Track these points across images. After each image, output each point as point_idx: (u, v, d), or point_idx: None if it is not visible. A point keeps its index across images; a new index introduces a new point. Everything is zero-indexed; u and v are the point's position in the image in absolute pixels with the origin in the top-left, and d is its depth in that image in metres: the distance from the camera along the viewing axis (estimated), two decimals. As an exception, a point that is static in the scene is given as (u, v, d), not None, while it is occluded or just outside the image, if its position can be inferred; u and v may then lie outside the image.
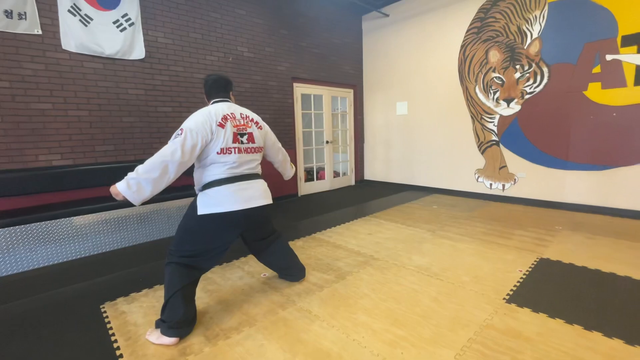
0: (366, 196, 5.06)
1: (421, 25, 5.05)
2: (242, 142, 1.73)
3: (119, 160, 3.34)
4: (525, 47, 4.03)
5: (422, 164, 5.36)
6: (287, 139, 4.87)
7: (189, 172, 1.75)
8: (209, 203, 1.68)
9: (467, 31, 4.55)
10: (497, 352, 1.45)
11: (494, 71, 4.34)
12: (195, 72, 3.84)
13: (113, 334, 1.69)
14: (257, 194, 1.79)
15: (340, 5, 5.31)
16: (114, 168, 3.21)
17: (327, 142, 5.63)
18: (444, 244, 2.84)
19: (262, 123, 1.91)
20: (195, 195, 1.80)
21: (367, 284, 2.15)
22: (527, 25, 4.00)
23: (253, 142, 1.79)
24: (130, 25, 3.29)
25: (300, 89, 5.10)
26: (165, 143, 1.65)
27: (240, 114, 1.78)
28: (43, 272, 2.52)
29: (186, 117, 1.69)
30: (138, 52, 3.38)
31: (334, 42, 5.44)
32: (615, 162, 3.53)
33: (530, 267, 2.32)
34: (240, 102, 4.16)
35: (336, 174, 5.98)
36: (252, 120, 1.82)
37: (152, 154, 1.61)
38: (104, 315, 1.88)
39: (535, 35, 3.95)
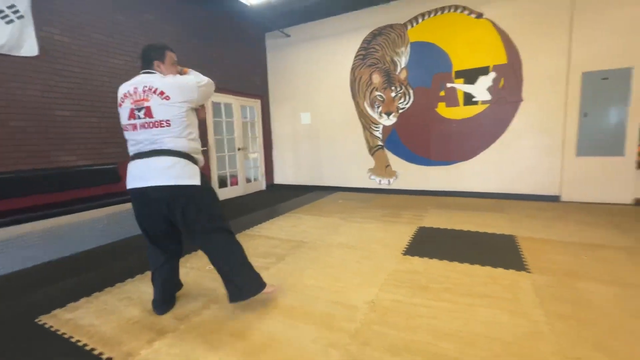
0: (280, 198, 5.51)
1: (318, 48, 5.88)
2: (138, 117, 1.59)
3: (7, 170, 2.87)
4: (397, 73, 5.27)
5: (326, 167, 6.16)
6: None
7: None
8: (129, 177, 1.68)
9: (355, 57, 5.59)
10: (403, 282, 2.13)
11: (376, 90, 5.46)
12: (99, 74, 3.59)
13: (71, 337, 1.67)
14: (155, 173, 1.58)
15: (246, 21, 5.68)
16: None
17: (239, 149, 5.85)
18: (354, 226, 3.56)
19: (171, 90, 1.59)
20: None
21: (305, 260, 2.62)
22: (397, 57, 5.24)
23: (151, 116, 1.57)
24: (18, 17, 2.92)
25: (212, 97, 5.21)
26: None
27: (145, 86, 1.59)
28: None
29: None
30: (29, 48, 3.00)
31: (242, 55, 5.75)
32: (458, 158, 5.01)
33: (414, 233, 3.21)
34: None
35: (248, 180, 6.23)
36: (155, 91, 1.57)
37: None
38: (47, 326, 1.78)
39: (403, 65, 5.21)
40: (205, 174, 1.76)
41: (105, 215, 3.22)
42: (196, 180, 1.65)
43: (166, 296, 1.90)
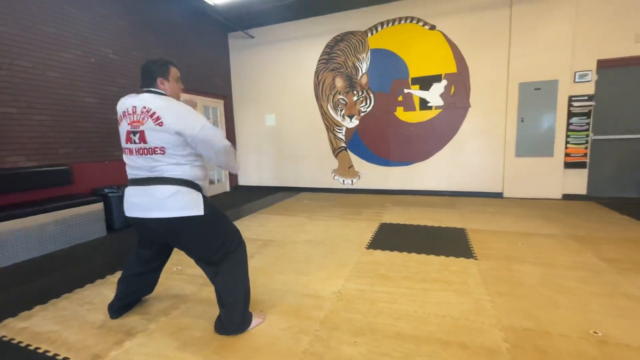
0: (245, 199, 5.49)
1: (283, 51, 5.96)
2: (134, 142, 1.47)
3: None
4: (359, 79, 5.51)
5: (291, 168, 6.24)
6: (160, 146, 4.74)
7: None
8: (124, 204, 1.62)
9: (319, 61, 5.75)
10: (366, 273, 2.30)
11: (339, 94, 5.67)
12: (48, 69, 3.36)
13: (29, 345, 1.59)
14: (155, 204, 1.47)
15: (207, 19, 5.60)
16: None
17: (202, 150, 5.73)
18: (320, 224, 3.69)
19: (168, 116, 1.42)
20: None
21: (272, 257, 2.69)
22: (358, 63, 5.49)
23: (144, 142, 1.45)
24: (-48, 4, 2.66)
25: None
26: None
27: (143, 107, 1.45)
28: None
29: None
30: (-35, 38, 2.75)
31: (203, 54, 5.65)
32: (415, 159, 5.36)
33: (376, 229, 3.42)
34: (105, 106, 3.90)
35: (212, 181, 6.12)
36: (152, 115, 1.43)
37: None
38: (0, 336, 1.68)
39: (364, 70, 5.47)
40: (208, 199, 1.61)
41: (57, 220, 3.03)
42: (199, 210, 1.50)
43: (126, 302, 1.86)
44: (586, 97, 4.41)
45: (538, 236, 3.02)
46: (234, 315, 1.60)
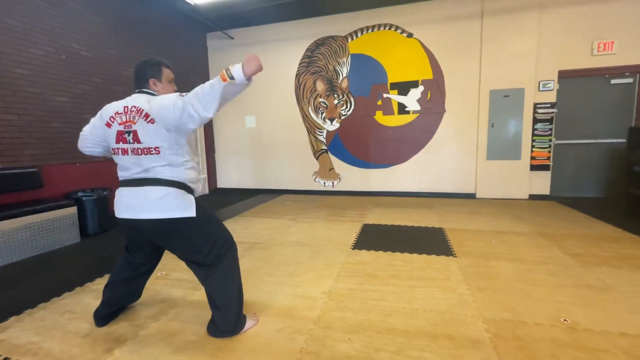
0: (225, 202, 5.41)
1: (263, 53, 5.94)
2: (128, 142, 1.46)
3: None
4: (339, 82, 5.61)
5: (272, 170, 6.22)
6: (136, 148, 4.58)
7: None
8: (115, 205, 1.59)
9: (300, 63, 5.80)
10: (354, 272, 2.36)
11: (320, 97, 5.74)
12: (15, 65, 3.16)
13: (8, 358, 1.51)
14: (146, 205, 1.46)
15: (186, 19, 5.48)
16: None
17: (180, 151, 5.58)
18: (304, 226, 3.73)
19: (160, 114, 1.40)
20: None
21: (260, 260, 2.69)
22: (339, 67, 5.59)
23: (138, 141, 1.43)
24: None
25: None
26: None
27: (134, 106, 1.45)
28: None
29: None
30: None
31: (181, 54, 5.52)
32: (394, 161, 5.53)
33: (360, 230, 3.50)
34: (79, 105, 3.73)
35: (190, 184, 5.97)
36: (141, 113, 1.43)
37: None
38: (-28, 349, 1.57)
39: (344, 74, 5.58)
40: (200, 201, 1.59)
41: (26, 226, 2.85)
42: (191, 212, 1.49)
43: (114, 309, 1.80)
44: (549, 105, 4.77)
45: (510, 234, 3.23)
46: (228, 317, 1.60)
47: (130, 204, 1.49)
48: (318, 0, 5.03)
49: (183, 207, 1.48)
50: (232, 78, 1.33)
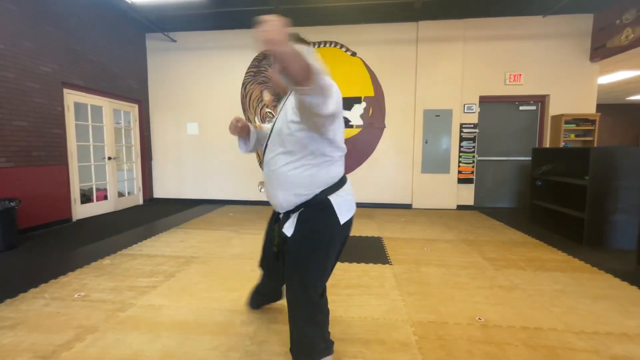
0: (162, 213, 5.05)
1: (209, 58, 5.78)
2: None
3: None
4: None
5: (214, 180, 5.99)
6: (55, 153, 4.09)
7: None
8: (349, 207, 1.41)
9: (247, 73, 5.74)
10: (295, 284, 2.37)
11: (267, 107, 5.73)
12: None
13: None
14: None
15: (122, 16, 5.10)
16: None
17: (110, 158, 5.10)
18: (247, 238, 3.64)
19: None
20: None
21: (197, 275, 2.56)
22: (286, 79, 5.65)
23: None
24: None
25: (73, 97, 4.42)
26: None
27: None
28: None
29: None
30: None
31: (115, 53, 5.10)
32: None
33: (303, 240, 3.54)
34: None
35: (121, 194, 5.47)
36: None
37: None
38: None
39: (291, 86, 5.65)
40: None
41: None
42: None
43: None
44: (472, 125, 5.38)
45: (440, 241, 3.53)
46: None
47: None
48: (263, 13, 5.07)
49: None
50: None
